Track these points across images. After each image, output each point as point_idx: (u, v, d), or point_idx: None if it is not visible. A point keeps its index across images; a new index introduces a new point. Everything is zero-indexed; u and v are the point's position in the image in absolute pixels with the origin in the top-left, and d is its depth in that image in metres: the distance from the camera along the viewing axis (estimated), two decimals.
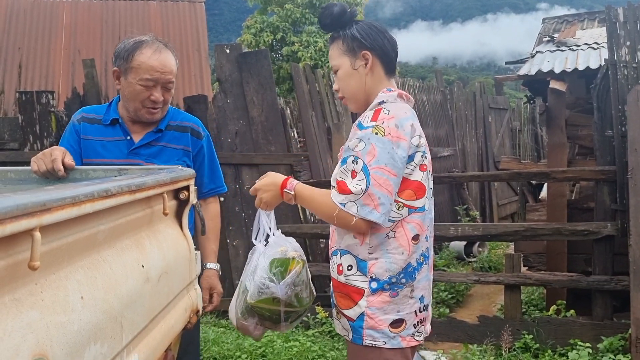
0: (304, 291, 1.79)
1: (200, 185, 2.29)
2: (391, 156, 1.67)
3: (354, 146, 1.71)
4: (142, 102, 2.08)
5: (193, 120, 2.29)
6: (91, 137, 2.15)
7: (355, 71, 1.85)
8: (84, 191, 0.98)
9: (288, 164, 5.19)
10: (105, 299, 1.11)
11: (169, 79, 2.09)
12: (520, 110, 11.95)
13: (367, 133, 1.70)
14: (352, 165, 1.69)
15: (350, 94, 1.88)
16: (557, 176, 4.12)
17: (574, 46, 5.82)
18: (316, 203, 1.77)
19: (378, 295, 1.72)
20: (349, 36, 1.84)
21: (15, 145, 5.37)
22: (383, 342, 1.72)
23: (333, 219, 1.72)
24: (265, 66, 5.24)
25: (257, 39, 17.02)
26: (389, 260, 1.72)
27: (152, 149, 2.16)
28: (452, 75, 52.69)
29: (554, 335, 3.91)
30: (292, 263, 1.78)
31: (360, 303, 1.73)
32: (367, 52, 1.83)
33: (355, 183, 1.67)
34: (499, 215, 9.88)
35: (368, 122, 1.73)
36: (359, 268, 1.74)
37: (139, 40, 2.10)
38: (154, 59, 2.05)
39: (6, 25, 10.09)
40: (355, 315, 1.74)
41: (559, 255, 4.60)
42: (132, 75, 2.06)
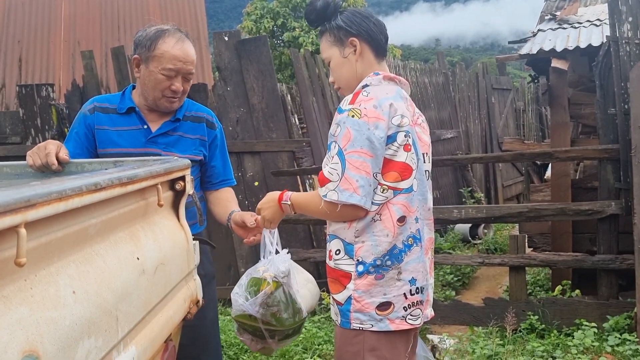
0: (284, 312, 1.77)
1: (212, 175, 2.30)
2: (367, 137, 1.67)
3: (334, 131, 1.73)
4: (163, 92, 2.07)
5: (207, 112, 2.30)
6: (106, 127, 2.13)
7: (345, 59, 1.86)
8: (71, 185, 0.97)
9: (290, 150, 5.17)
10: (99, 293, 1.10)
11: (189, 70, 2.08)
12: (524, 90, 11.86)
13: (343, 117, 1.72)
14: (334, 151, 1.71)
15: (345, 83, 1.90)
16: (560, 156, 4.09)
17: (576, 23, 5.74)
18: (311, 205, 1.79)
19: (364, 278, 1.72)
20: (335, 27, 1.86)
21: (17, 139, 5.38)
22: (370, 324, 1.72)
23: (325, 214, 1.74)
24: (264, 53, 5.21)
25: (257, 26, 16.91)
26: (375, 242, 1.72)
27: (170, 138, 2.15)
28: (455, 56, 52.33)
29: (560, 315, 3.91)
30: (263, 283, 1.78)
31: (348, 286, 1.74)
32: (354, 39, 1.84)
33: (330, 168, 1.70)
34: (504, 196, 9.85)
35: (346, 105, 1.75)
36: (346, 252, 1.75)
37: (161, 29, 2.08)
38: (177, 49, 2.03)
39: (5, 18, 10.06)
40: (343, 299, 1.75)
41: (564, 235, 4.59)
42: (154, 64, 2.04)
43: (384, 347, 1.73)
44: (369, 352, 1.72)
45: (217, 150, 2.30)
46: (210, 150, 2.27)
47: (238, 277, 5.14)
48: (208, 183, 2.32)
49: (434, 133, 8.15)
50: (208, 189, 2.33)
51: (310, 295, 1.87)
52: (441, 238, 7.13)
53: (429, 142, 1.95)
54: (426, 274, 1.82)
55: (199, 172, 2.26)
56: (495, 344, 3.57)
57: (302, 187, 5.29)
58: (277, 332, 1.82)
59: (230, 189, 2.38)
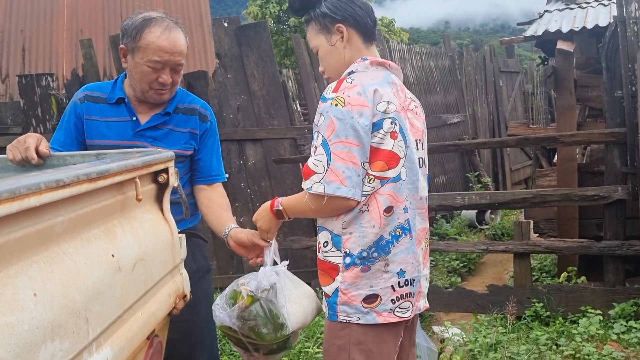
0: (263, 327, 1.72)
1: (204, 169, 2.19)
2: (351, 126, 1.62)
3: (317, 121, 1.68)
4: (150, 84, 1.98)
5: (201, 104, 2.19)
6: (95, 118, 2.06)
7: (333, 47, 1.81)
8: (27, 183, 0.93)
9: (291, 137, 5.12)
10: (65, 294, 1.06)
11: (178, 61, 1.98)
12: (533, 72, 11.68)
13: (326, 106, 1.67)
14: (316, 142, 1.66)
15: (333, 71, 1.84)
16: (565, 140, 4.00)
17: (583, 3, 5.61)
18: (302, 204, 1.72)
19: (351, 270, 1.68)
20: (320, 14, 1.80)
21: (18, 130, 5.36)
22: (357, 317, 1.68)
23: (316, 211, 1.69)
24: (264, 39, 5.14)
25: (263, 11, 16.77)
26: (361, 234, 1.68)
27: (159, 132, 2.07)
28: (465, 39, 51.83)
29: (565, 302, 3.85)
30: (239, 297, 1.74)
31: (336, 278, 1.70)
32: (340, 25, 1.79)
33: (313, 159, 1.64)
34: (512, 180, 9.75)
35: (330, 93, 1.69)
36: (334, 243, 1.71)
37: (148, 17, 1.97)
38: (163, 39, 1.93)
39: (8, 8, 10.02)
40: (330, 291, 1.71)
41: (570, 221, 4.51)
42: (139, 55, 1.94)
43: (370, 341, 1.69)
44: (355, 345, 1.68)
45: (208, 144, 2.19)
46: (201, 143, 2.16)
47: (242, 266, 5.14)
48: (197, 177, 2.19)
49: (440, 117, 8.05)
50: (197, 184, 2.20)
51: (303, 312, 1.79)
52: (447, 224, 7.06)
53: (422, 129, 1.88)
54: (418, 265, 1.77)
55: (189, 167, 2.17)
56: (499, 332, 3.52)
57: None
58: (261, 346, 1.78)
59: (221, 187, 2.24)
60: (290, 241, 4.82)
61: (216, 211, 2.15)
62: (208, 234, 2.53)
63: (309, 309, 1.83)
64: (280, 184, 5.13)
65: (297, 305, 1.79)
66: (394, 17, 19.76)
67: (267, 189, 5.14)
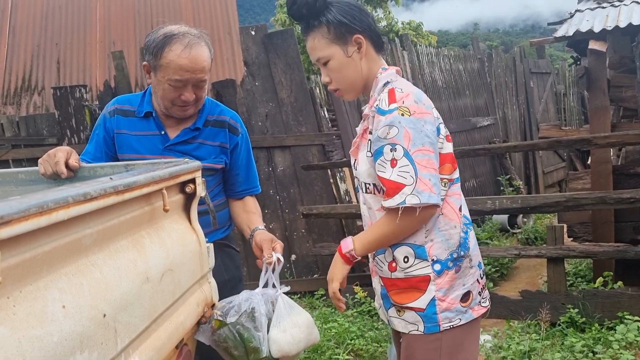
0: (234, 349, 1.73)
1: (234, 184, 2.19)
2: (425, 134, 1.61)
3: (385, 134, 1.61)
4: (172, 101, 1.97)
5: (230, 115, 2.17)
6: (125, 131, 2.07)
7: (349, 59, 1.72)
8: (54, 197, 0.95)
9: (320, 144, 5.13)
10: (93, 305, 1.08)
11: (200, 78, 1.94)
12: (565, 72, 11.46)
13: (395, 117, 1.60)
14: (391, 155, 1.60)
15: (348, 84, 1.76)
16: (599, 142, 3.90)
17: (616, 2, 5.48)
18: (383, 230, 1.65)
19: (445, 276, 1.68)
20: (335, 22, 1.70)
21: (53, 141, 5.50)
22: (458, 319, 1.69)
23: (405, 227, 1.63)
24: (291, 46, 5.17)
25: (291, 17, 16.87)
26: (444, 237, 1.68)
27: (189, 146, 2.06)
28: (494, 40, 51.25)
29: (601, 308, 3.75)
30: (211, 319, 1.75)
31: (429, 289, 1.67)
32: (359, 36, 1.71)
33: (398, 172, 1.58)
34: (545, 183, 9.57)
35: (387, 105, 1.63)
36: (418, 255, 1.67)
37: (170, 33, 1.93)
38: (183, 57, 1.89)
39: (43, 22, 10.30)
40: (425, 304, 1.67)
41: (605, 224, 4.40)
42: (161, 74, 1.93)
43: (467, 338, 1.72)
44: (459, 346, 1.70)
45: (240, 158, 2.18)
46: (232, 157, 2.15)
47: None
48: (230, 191, 2.21)
49: (470, 121, 7.96)
50: (231, 197, 2.22)
51: (290, 341, 1.77)
52: (478, 228, 6.96)
53: None
54: None
55: (221, 179, 2.17)
56: (532, 339, 3.45)
57: (332, 179, 5.24)
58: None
59: (254, 199, 2.26)
60: (319, 247, 4.82)
61: (247, 215, 2.18)
62: (238, 241, 2.55)
63: (296, 338, 1.78)
64: (309, 191, 5.14)
65: (284, 333, 1.76)
66: (421, 20, 19.63)
67: (295, 196, 5.16)
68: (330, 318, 4.32)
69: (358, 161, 1.76)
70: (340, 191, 5.25)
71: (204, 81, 1.98)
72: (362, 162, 1.73)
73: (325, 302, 4.87)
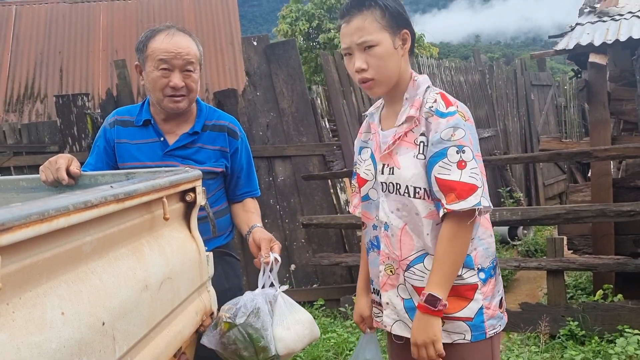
0: (244, 350, 1.73)
1: (236, 187, 2.22)
2: (477, 141, 1.63)
3: (450, 135, 1.58)
4: (163, 91, 1.99)
5: (229, 119, 2.20)
6: (125, 141, 2.10)
7: (395, 51, 1.66)
8: (55, 205, 0.95)
9: (320, 154, 5.14)
10: (92, 313, 1.08)
11: (186, 60, 1.98)
12: (566, 85, 11.50)
13: (458, 120, 1.59)
14: (457, 156, 1.57)
15: (386, 76, 1.68)
16: (599, 155, 3.91)
17: (616, 15, 5.51)
18: (456, 246, 1.59)
19: (489, 284, 1.68)
20: (392, 9, 1.64)
21: (55, 148, 5.52)
22: (500, 326, 1.70)
23: (467, 232, 1.59)
24: (293, 56, 5.19)
25: (293, 28, 16.96)
26: (484, 246, 1.69)
27: (188, 150, 2.09)
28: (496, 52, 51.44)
29: (601, 321, 3.74)
30: (218, 323, 1.76)
31: (476, 297, 1.65)
32: (407, 32, 1.67)
33: (470, 173, 1.56)
34: (546, 195, 9.57)
35: (445, 108, 1.62)
36: (466, 263, 1.64)
37: (153, 29, 2.05)
38: (166, 42, 1.97)
39: (47, 30, 10.37)
40: (473, 313, 1.65)
41: (606, 237, 4.40)
42: (148, 64, 1.99)
43: (499, 344, 1.75)
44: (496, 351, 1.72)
45: (240, 161, 2.20)
46: (232, 161, 2.18)
47: None
48: (232, 194, 2.23)
49: None
50: (232, 200, 2.24)
51: (294, 338, 1.79)
52: None
53: None
54: None
55: (222, 183, 2.19)
56: (532, 351, 3.44)
57: (333, 190, 5.24)
58: None
59: (254, 200, 2.28)
60: (319, 257, 4.82)
61: (246, 215, 2.19)
62: (238, 250, 2.56)
63: (301, 335, 1.80)
64: (309, 200, 5.14)
65: (288, 331, 1.77)
66: (423, 32, 19.73)
67: (296, 205, 5.16)
68: (329, 328, 4.31)
69: (397, 165, 1.68)
70: (340, 201, 5.26)
71: (190, 64, 2.01)
72: (408, 166, 1.66)
73: (324, 312, 4.86)
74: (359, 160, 1.88)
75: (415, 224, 1.67)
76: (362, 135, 1.90)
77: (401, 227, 1.69)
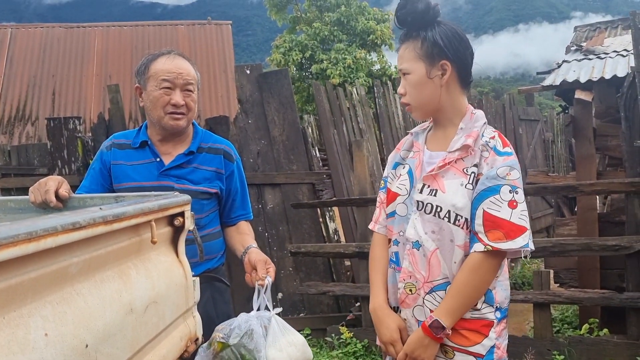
0: None
1: (231, 209, 2.26)
2: None
3: (506, 174, 1.63)
4: (164, 109, 2.07)
5: (225, 143, 2.26)
6: (122, 162, 2.15)
7: (429, 80, 1.70)
8: (44, 225, 0.96)
9: (310, 182, 5.17)
10: (76, 334, 1.08)
11: (186, 80, 2.08)
12: (553, 120, 11.67)
13: (514, 161, 1.65)
14: (510, 195, 1.61)
15: (420, 104, 1.75)
16: (584, 189, 3.97)
17: (602, 54, 5.65)
18: (473, 286, 1.63)
19: (502, 324, 1.70)
20: (430, 40, 1.67)
21: (44, 171, 5.51)
22: None
23: (493, 272, 1.65)
24: (285, 85, 5.25)
25: (286, 58, 17.18)
26: (503, 287, 1.71)
27: (183, 170, 2.14)
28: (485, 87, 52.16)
29: (587, 355, 3.74)
30: (213, 343, 1.80)
31: (490, 335, 1.66)
32: (446, 63, 1.69)
33: (520, 214, 1.61)
34: (533, 229, 9.60)
35: (502, 147, 1.67)
36: (487, 299, 1.67)
37: (154, 53, 2.14)
38: (168, 63, 2.07)
39: (41, 54, 10.43)
40: (485, 350, 1.66)
41: (591, 271, 4.43)
42: (150, 84, 2.07)
43: None
44: None
45: (236, 184, 2.25)
46: (228, 184, 2.22)
47: None
48: (226, 217, 2.27)
49: None
50: (225, 223, 2.28)
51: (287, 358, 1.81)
52: None
53: None
54: None
55: (216, 205, 2.22)
56: None
57: (322, 218, 5.25)
58: None
59: (248, 223, 2.32)
60: (306, 286, 4.80)
61: (240, 236, 2.23)
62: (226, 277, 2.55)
63: (293, 357, 1.82)
64: (297, 229, 5.14)
65: (280, 352, 1.79)
66: None
67: (284, 234, 5.16)
68: (316, 358, 4.27)
69: (442, 189, 1.69)
70: (329, 230, 5.26)
71: (190, 85, 2.10)
72: (454, 192, 1.67)
73: (310, 342, 4.82)
74: (391, 175, 1.89)
75: (447, 250, 1.69)
76: (402, 152, 1.90)
77: (433, 249, 1.70)
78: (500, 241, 1.58)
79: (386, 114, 6.76)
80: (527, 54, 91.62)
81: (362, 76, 16.30)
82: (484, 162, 1.65)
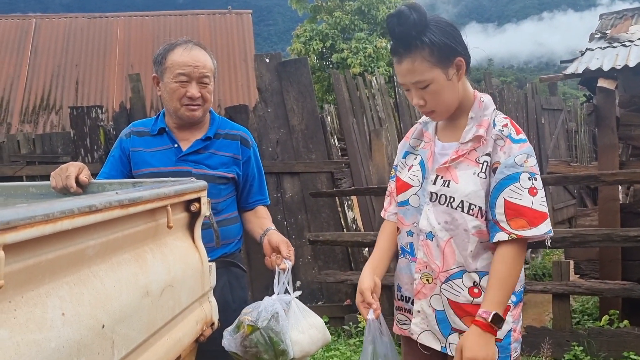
0: (264, 353, 1.79)
1: (249, 194, 2.29)
2: None
3: (523, 161, 1.63)
4: (180, 100, 2.10)
5: (242, 129, 2.29)
6: (140, 149, 2.19)
7: (449, 82, 1.66)
8: (60, 207, 0.98)
9: (329, 171, 5.17)
10: (92, 315, 1.10)
11: (202, 73, 2.09)
12: (577, 110, 11.49)
13: (530, 148, 1.66)
14: (530, 183, 1.61)
15: (446, 107, 1.71)
16: (606, 179, 3.90)
17: (627, 42, 5.54)
18: (514, 268, 1.62)
19: (518, 308, 1.73)
20: (439, 44, 1.62)
21: (67, 159, 5.59)
22: (520, 350, 1.74)
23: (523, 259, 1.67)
24: (304, 74, 5.25)
25: (306, 47, 17.13)
26: None
27: (201, 155, 2.17)
28: (508, 76, 51.45)
29: (607, 346, 3.71)
30: (241, 326, 1.82)
31: (507, 320, 1.68)
32: (461, 59, 1.67)
33: (540, 201, 1.62)
34: (555, 220, 9.50)
35: (516, 134, 1.67)
36: None
37: (171, 43, 2.15)
38: (185, 55, 2.08)
39: (64, 43, 10.56)
40: (502, 334, 1.68)
41: (613, 262, 4.37)
42: (167, 76, 2.10)
43: None
44: None
45: (253, 170, 2.28)
46: (245, 169, 2.25)
47: None
48: (243, 202, 2.30)
49: None
50: (243, 208, 2.31)
51: (309, 341, 1.86)
52: None
53: None
54: None
55: (234, 190, 2.25)
56: None
57: (340, 207, 5.26)
58: None
59: (265, 208, 2.35)
60: (324, 274, 4.82)
61: (259, 220, 2.27)
62: (245, 264, 2.58)
63: (315, 338, 1.89)
64: (316, 217, 5.16)
65: (303, 334, 1.84)
66: None
67: (303, 222, 5.18)
68: (333, 346, 4.30)
69: (455, 180, 1.68)
70: (347, 219, 5.26)
71: (206, 77, 2.12)
72: (467, 182, 1.67)
73: (328, 330, 4.84)
74: (401, 164, 1.89)
75: (461, 239, 1.69)
76: (411, 141, 1.89)
77: (446, 239, 1.71)
78: (524, 229, 1.59)
79: (406, 103, 6.73)
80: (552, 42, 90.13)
81: (383, 65, 16.19)
82: (500, 151, 1.65)
